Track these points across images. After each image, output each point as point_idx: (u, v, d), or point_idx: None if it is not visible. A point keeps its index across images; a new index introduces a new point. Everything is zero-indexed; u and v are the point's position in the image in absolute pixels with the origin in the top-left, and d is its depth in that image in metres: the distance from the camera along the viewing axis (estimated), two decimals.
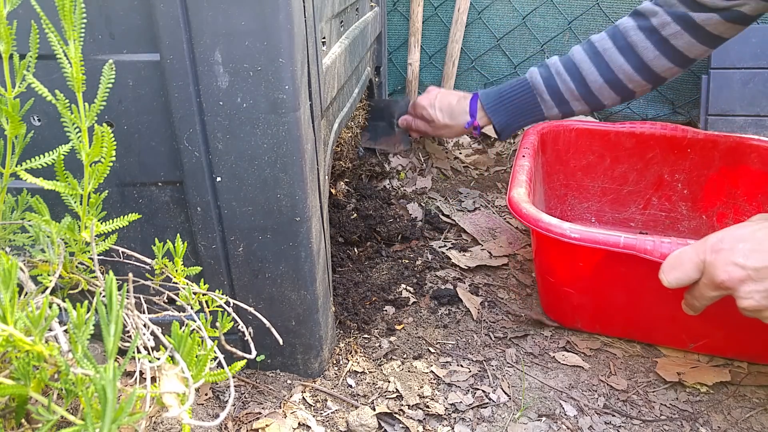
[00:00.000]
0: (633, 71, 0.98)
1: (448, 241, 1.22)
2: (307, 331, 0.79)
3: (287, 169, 0.66)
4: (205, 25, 0.58)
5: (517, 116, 1.08)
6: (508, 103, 1.06)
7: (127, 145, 0.65)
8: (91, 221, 0.49)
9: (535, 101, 1.05)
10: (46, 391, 0.40)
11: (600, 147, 1.19)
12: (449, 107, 1.11)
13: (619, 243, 0.77)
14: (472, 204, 1.36)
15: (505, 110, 1.07)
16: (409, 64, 1.65)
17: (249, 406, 0.77)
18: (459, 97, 1.12)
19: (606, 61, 0.99)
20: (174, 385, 0.41)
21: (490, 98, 1.07)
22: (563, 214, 1.25)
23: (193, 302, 0.56)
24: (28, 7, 0.56)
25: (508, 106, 1.06)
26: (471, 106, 1.09)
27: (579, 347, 0.92)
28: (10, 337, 0.36)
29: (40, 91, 0.45)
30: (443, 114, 1.12)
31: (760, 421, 0.78)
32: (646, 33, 0.96)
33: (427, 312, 1.00)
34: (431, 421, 0.78)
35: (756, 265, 0.63)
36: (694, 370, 0.86)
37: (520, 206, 0.86)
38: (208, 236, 0.70)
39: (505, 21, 1.61)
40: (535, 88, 1.04)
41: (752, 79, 1.38)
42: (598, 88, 1.01)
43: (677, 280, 0.71)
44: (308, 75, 0.66)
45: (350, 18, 1.03)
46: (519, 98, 1.06)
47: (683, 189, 1.17)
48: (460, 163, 1.57)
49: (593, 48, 1.00)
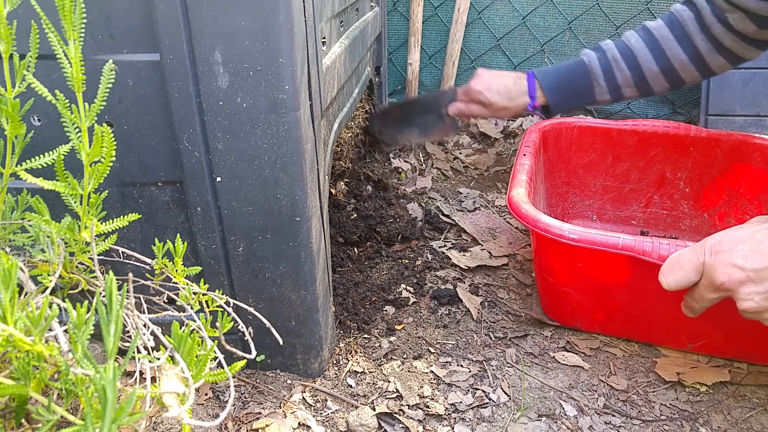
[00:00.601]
0: (689, 61, 0.98)
1: (448, 241, 1.22)
2: (307, 331, 0.79)
3: (287, 169, 0.66)
4: (205, 25, 0.58)
5: (571, 98, 1.07)
6: (565, 85, 1.06)
7: (127, 145, 0.65)
8: (91, 221, 0.49)
9: (590, 85, 1.05)
10: (46, 391, 0.40)
11: (602, 145, 1.19)
12: (506, 89, 1.09)
13: (618, 244, 0.77)
14: (472, 204, 1.36)
15: (562, 91, 1.07)
16: (409, 64, 1.65)
17: (249, 406, 0.77)
18: (514, 78, 1.10)
19: (663, 49, 0.98)
20: (174, 385, 0.41)
21: (548, 79, 1.07)
22: (565, 211, 1.25)
23: (193, 302, 0.56)
24: (28, 7, 0.56)
25: (564, 88, 1.06)
26: (530, 87, 1.08)
27: (579, 347, 0.92)
28: (10, 337, 0.36)
29: (40, 91, 0.45)
30: (501, 96, 1.10)
31: (760, 421, 0.78)
32: (700, 25, 0.95)
33: (427, 312, 1.00)
34: (431, 421, 0.78)
35: (755, 266, 0.63)
36: (694, 370, 0.86)
37: (519, 207, 0.86)
38: (208, 236, 0.70)
39: (505, 21, 1.61)
40: (592, 73, 1.04)
41: (752, 79, 1.38)
42: (653, 76, 1.00)
43: (676, 283, 0.70)
44: (308, 75, 0.66)
45: (350, 18, 1.03)
46: (576, 81, 1.05)
47: (685, 187, 1.17)
48: (460, 163, 1.57)
49: (651, 35, 1.00)
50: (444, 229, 1.26)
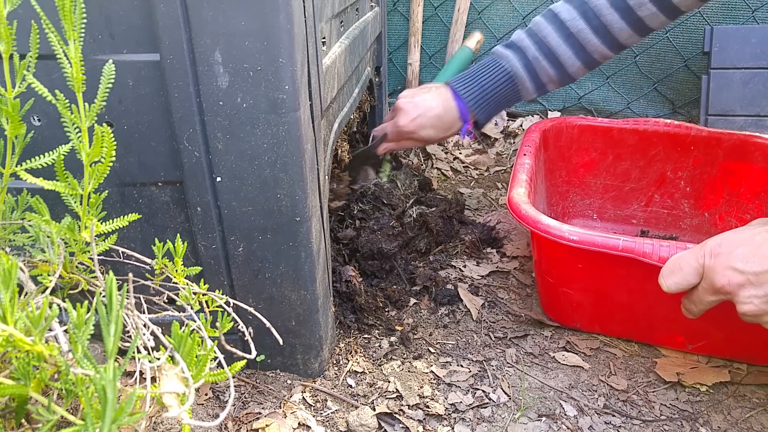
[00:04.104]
0: (607, 50, 0.96)
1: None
2: (307, 331, 0.79)
3: (287, 169, 0.66)
4: (205, 25, 0.58)
5: (498, 106, 1.04)
6: (491, 97, 1.01)
7: (127, 145, 0.65)
8: (91, 221, 0.49)
9: (516, 90, 1.01)
10: (46, 391, 0.40)
11: (603, 144, 1.19)
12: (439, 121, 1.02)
13: (618, 246, 0.77)
14: (473, 204, 1.36)
15: (489, 104, 1.02)
16: (409, 64, 1.65)
17: (249, 406, 0.77)
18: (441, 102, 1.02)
19: (581, 43, 0.96)
20: (174, 385, 0.41)
21: (474, 96, 1.01)
22: (565, 210, 1.25)
23: (193, 302, 0.56)
24: (28, 7, 0.56)
25: (491, 100, 1.02)
26: (461, 111, 1.01)
27: (579, 347, 0.92)
28: (10, 337, 0.36)
29: (40, 91, 0.45)
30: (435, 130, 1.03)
31: (760, 421, 0.78)
32: (620, 13, 0.92)
33: (427, 312, 1.00)
34: (431, 421, 0.78)
35: (755, 269, 0.63)
36: (694, 371, 0.86)
37: (519, 207, 0.86)
38: (208, 236, 0.70)
39: (505, 21, 1.61)
40: (517, 79, 1.00)
41: (752, 79, 1.38)
42: (575, 70, 0.99)
43: (676, 285, 0.70)
44: (308, 75, 0.66)
45: (350, 18, 1.03)
46: (502, 90, 1.01)
47: (686, 186, 1.17)
48: (460, 163, 1.57)
49: (565, 30, 0.96)
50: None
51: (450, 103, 1.02)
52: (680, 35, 1.52)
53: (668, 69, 1.56)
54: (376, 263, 1.04)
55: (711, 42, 1.40)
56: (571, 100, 1.66)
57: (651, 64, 1.58)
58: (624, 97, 1.62)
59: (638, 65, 1.58)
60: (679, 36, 1.52)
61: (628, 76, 1.61)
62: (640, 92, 1.61)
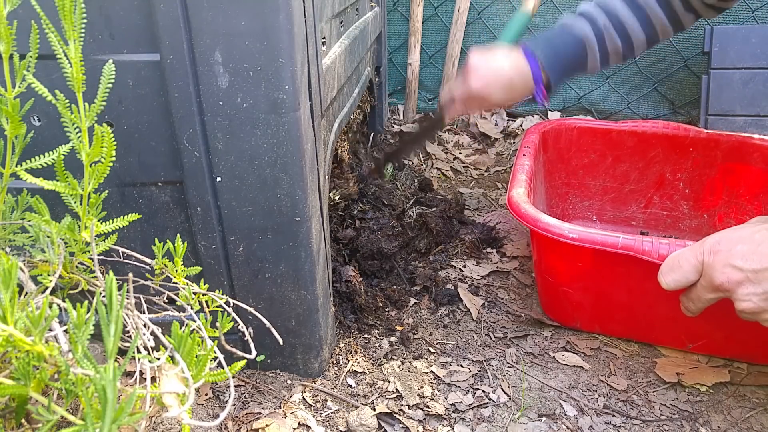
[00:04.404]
0: (669, 24, 0.96)
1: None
2: (307, 331, 0.79)
3: (287, 169, 0.66)
4: (205, 25, 0.58)
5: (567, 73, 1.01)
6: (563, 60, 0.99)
7: (127, 145, 0.65)
8: (91, 221, 0.49)
9: (584, 59, 0.99)
10: (46, 391, 0.40)
11: (602, 145, 1.19)
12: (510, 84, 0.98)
13: (617, 244, 0.77)
14: (473, 204, 1.36)
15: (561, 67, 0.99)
16: (409, 64, 1.65)
17: (249, 406, 0.77)
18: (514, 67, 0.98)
19: (648, 15, 0.95)
20: (174, 385, 0.41)
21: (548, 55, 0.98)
22: (564, 212, 1.25)
23: (193, 302, 0.56)
24: (28, 7, 0.56)
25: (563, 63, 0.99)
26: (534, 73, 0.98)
27: (579, 347, 0.92)
28: (10, 337, 0.36)
29: (40, 91, 0.45)
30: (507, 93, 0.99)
31: (760, 421, 0.78)
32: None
33: (427, 312, 1.00)
34: (431, 421, 0.78)
35: (754, 267, 0.63)
36: (694, 371, 0.86)
37: (519, 206, 0.86)
38: (208, 236, 0.70)
39: (505, 21, 1.61)
40: (588, 45, 0.98)
41: (752, 79, 1.38)
42: (639, 45, 0.98)
43: (675, 282, 0.70)
44: (308, 75, 0.66)
45: (350, 18, 1.03)
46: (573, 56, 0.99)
47: (685, 188, 1.17)
48: (460, 163, 1.57)
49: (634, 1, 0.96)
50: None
51: (522, 63, 0.98)
52: (680, 35, 1.52)
53: (668, 69, 1.56)
54: (376, 263, 1.04)
55: (711, 42, 1.40)
56: (571, 100, 1.66)
57: (651, 64, 1.58)
58: (624, 97, 1.62)
59: (638, 65, 1.58)
60: (679, 36, 1.52)
61: (628, 76, 1.61)
62: (640, 92, 1.61)
